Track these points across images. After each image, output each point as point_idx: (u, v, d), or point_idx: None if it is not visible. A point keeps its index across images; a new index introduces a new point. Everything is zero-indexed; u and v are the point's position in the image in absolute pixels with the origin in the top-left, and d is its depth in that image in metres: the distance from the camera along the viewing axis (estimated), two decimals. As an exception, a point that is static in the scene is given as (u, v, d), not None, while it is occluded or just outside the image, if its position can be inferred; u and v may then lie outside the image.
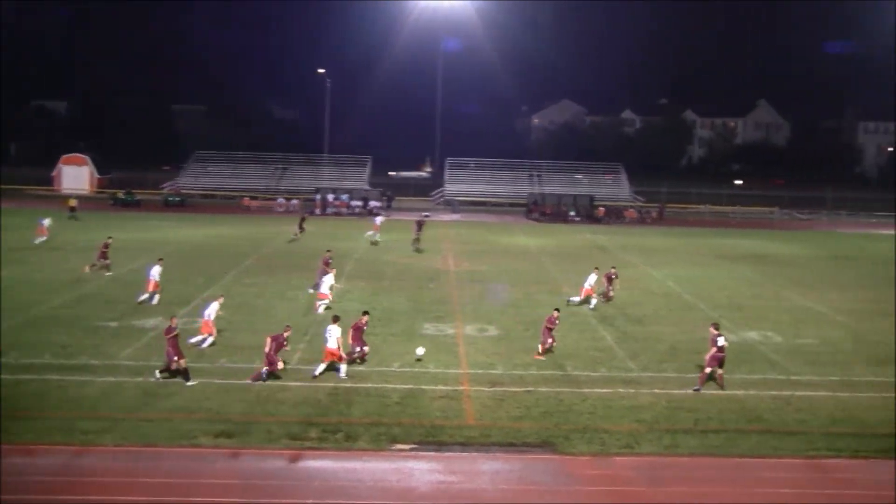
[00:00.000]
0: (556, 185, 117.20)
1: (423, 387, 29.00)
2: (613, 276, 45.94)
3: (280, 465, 22.61)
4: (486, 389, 29.02)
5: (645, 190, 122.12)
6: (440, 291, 46.73)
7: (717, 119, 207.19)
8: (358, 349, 31.16)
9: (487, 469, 22.83)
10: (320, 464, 22.85)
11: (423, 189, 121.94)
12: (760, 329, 39.89)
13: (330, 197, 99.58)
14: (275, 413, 26.11)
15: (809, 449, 24.72)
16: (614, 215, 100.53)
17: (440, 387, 29.08)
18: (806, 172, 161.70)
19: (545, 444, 24.46)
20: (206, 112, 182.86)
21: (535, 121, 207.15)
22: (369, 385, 28.92)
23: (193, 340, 32.86)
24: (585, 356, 33.96)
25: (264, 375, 28.91)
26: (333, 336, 29.60)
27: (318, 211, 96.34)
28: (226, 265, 53.15)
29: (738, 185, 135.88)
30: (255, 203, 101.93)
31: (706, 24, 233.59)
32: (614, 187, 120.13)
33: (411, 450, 23.81)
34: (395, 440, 24.33)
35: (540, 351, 33.61)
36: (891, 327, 41.11)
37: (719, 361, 29.96)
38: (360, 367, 30.90)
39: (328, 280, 41.68)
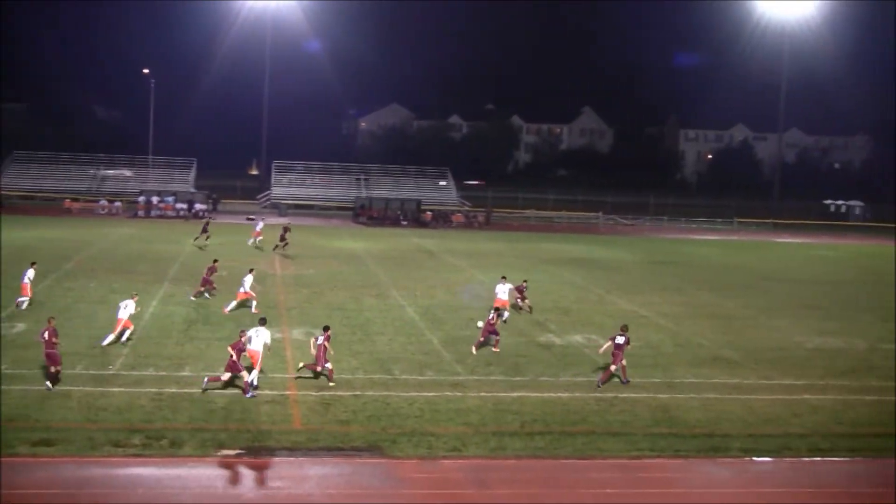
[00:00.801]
0: (383, 189, 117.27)
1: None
2: (524, 288, 45.68)
3: (102, 473, 21.83)
4: (314, 394, 28.67)
5: (472, 194, 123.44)
6: (266, 295, 46.01)
7: (542, 125, 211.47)
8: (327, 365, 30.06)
9: (315, 474, 22.53)
10: (144, 471, 22.14)
11: (250, 192, 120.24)
12: (585, 332, 40.65)
13: (154, 199, 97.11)
14: (96, 420, 25.19)
15: (632, 449, 25.25)
16: (442, 219, 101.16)
17: (267, 391, 28.57)
18: (629, 178, 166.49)
19: (372, 448, 24.30)
20: (26, 110, 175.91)
21: (363, 124, 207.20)
22: (195, 390, 28.20)
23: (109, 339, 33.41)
24: (412, 360, 33.96)
25: (253, 385, 28.21)
26: (261, 338, 29.08)
27: (141, 213, 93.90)
28: (45, 269, 51.11)
29: (564, 190, 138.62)
30: (76, 205, 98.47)
31: (532, 30, 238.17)
32: (441, 191, 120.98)
33: (238, 455, 23.31)
34: (221, 446, 23.77)
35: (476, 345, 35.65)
36: (710, 329, 42.53)
37: (617, 357, 31.63)
38: (185, 373, 30.18)
39: (248, 280, 42.55)
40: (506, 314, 41.05)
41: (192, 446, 23.64)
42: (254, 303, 41.95)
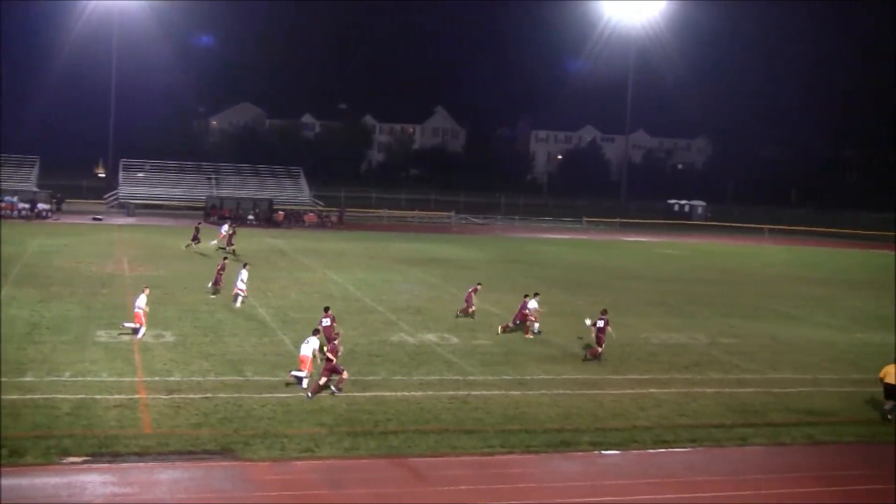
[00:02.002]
0: (235, 189, 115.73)
1: (96, 396, 27.79)
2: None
3: (-64, 486, 21.03)
4: (164, 397, 28.20)
5: (325, 194, 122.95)
6: (114, 297, 45.02)
7: (395, 124, 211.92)
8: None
9: (165, 478, 22.17)
10: (-18, 483, 21.40)
11: (96, 191, 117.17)
12: (438, 331, 40.99)
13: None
14: (-70, 430, 24.26)
15: (485, 446, 25.59)
16: (294, 219, 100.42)
17: (115, 396, 27.97)
18: (481, 178, 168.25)
19: (225, 451, 24.05)
20: None
21: (214, 122, 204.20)
22: (38, 396, 27.41)
23: (129, 326, 36.00)
24: (264, 361, 33.71)
25: (336, 390, 29.34)
26: (311, 346, 30.06)
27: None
28: None
29: (416, 190, 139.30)
30: None
31: (385, 29, 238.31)
32: (294, 191, 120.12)
33: (84, 462, 22.75)
34: (66, 453, 23.15)
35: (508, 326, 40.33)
36: (560, 326, 43.32)
37: (601, 339, 36.09)
38: (28, 378, 29.31)
39: (244, 275, 44.16)
40: (536, 325, 41.23)
41: (34, 454, 22.91)
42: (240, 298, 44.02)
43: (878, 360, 39.78)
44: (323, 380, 29.62)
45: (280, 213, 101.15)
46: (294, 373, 30.35)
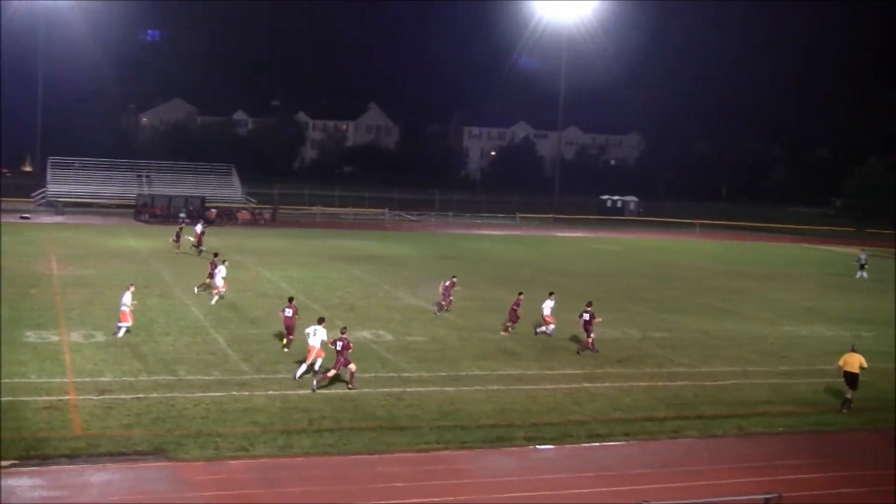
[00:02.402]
0: (166, 187, 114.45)
1: (25, 398, 27.33)
2: (448, 285, 45.98)
3: None
4: (94, 398, 27.82)
5: (257, 191, 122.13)
6: (42, 297, 44.35)
7: (328, 121, 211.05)
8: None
9: (97, 480, 21.89)
10: None
11: (24, 189, 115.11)
12: (372, 328, 40.93)
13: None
14: None
15: (420, 442, 25.62)
16: (227, 217, 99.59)
17: (44, 397, 27.54)
18: (415, 175, 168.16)
19: (157, 451, 23.79)
20: None
21: (145, 119, 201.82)
22: (-38, 399, 26.92)
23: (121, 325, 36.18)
24: (198, 360, 33.42)
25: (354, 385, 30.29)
26: (319, 336, 31.02)
27: None
28: None
29: (350, 187, 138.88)
30: None
31: (318, 26, 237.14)
32: (227, 188, 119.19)
33: (12, 466, 22.35)
34: (-7, 456, 22.77)
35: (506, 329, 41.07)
36: (495, 322, 43.48)
37: (589, 331, 37.79)
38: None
39: (221, 272, 44.82)
40: (551, 328, 41.04)
41: (-40, 459, 22.55)
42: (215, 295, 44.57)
43: (804, 351, 40.67)
44: (332, 372, 30.38)
45: (212, 210, 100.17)
46: (303, 366, 31.33)
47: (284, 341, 35.89)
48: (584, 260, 77.04)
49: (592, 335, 37.72)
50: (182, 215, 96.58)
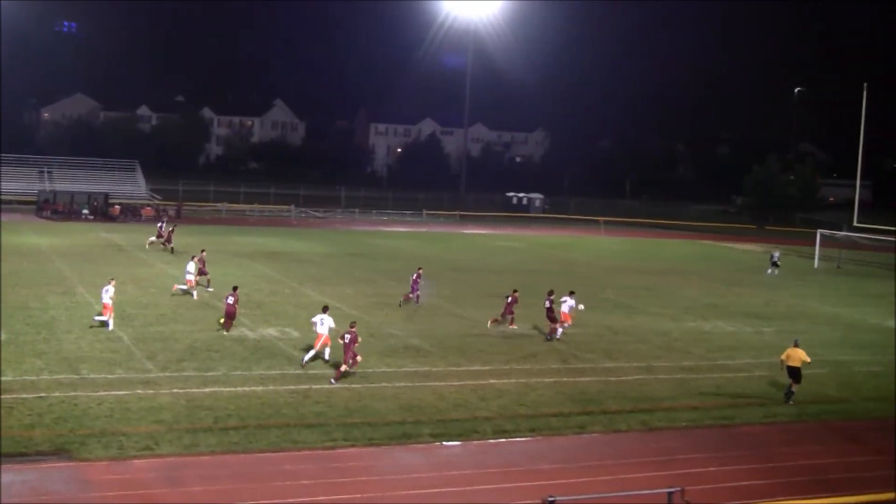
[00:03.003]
0: (69, 182, 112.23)
1: (-79, 399, 26.72)
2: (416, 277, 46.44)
3: None
4: (-6, 398, 27.26)
5: (162, 188, 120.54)
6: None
7: (234, 117, 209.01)
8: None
9: (-4, 482, 21.47)
10: None
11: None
12: (279, 325, 40.77)
13: None
14: None
15: (327, 440, 25.61)
16: (131, 213, 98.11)
17: (-59, 398, 26.92)
18: (321, 171, 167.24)
19: (60, 452, 23.43)
20: None
21: (46, 115, 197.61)
22: None
23: (97, 318, 37.90)
24: (101, 358, 32.92)
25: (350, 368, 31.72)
26: (326, 324, 33.27)
27: None
28: None
29: (256, 183, 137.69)
30: None
31: (224, 21, 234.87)
32: (130, 185, 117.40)
33: None
34: None
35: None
36: (401, 319, 43.66)
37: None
38: None
39: (191, 268, 46.49)
40: (566, 325, 41.61)
41: None
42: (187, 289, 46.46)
43: (707, 346, 41.48)
44: (344, 367, 31.50)
45: (116, 207, 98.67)
46: (311, 353, 33.62)
47: (222, 321, 38.69)
48: (489, 257, 77.51)
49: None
50: (85, 212, 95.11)
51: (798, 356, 32.06)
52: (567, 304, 41.44)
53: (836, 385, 35.41)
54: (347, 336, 31.49)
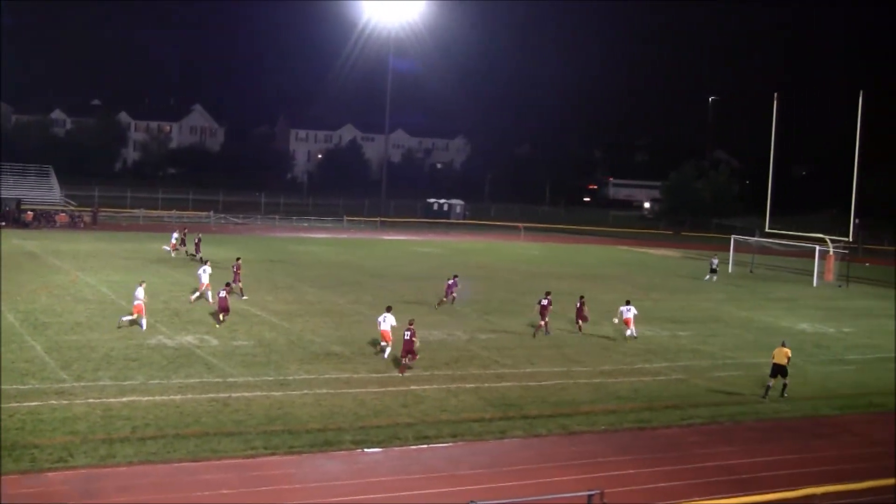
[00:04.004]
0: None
1: None
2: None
3: None
4: None
5: (77, 193, 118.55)
6: None
7: (152, 122, 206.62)
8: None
9: None
10: None
11: None
12: (197, 333, 40.27)
13: None
14: None
15: (247, 448, 25.34)
16: (44, 220, 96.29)
17: None
18: (240, 177, 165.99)
19: (-30, 465, 22.86)
20: None
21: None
22: None
23: (125, 319, 40.16)
24: (13, 368, 32.18)
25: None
26: (388, 322, 37.11)
27: None
28: None
29: (174, 189, 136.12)
30: None
31: (142, 24, 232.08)
32: (44, 190, 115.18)
33: None
34: None
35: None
36: (321, 326, 43.45)
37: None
38: None
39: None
40: (632, 329, 44.65)
41: None
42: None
43: (625, 351, 41.90)
44: (404, 360, 34.86)
45: (29, 213, 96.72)
46: (389, 349, 37.04)
47: (222, 317, 42.09)
48: (409, 262, 77.52)
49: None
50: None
51: (783, 354, 34.32)
52: (631, 311, 44.61)
53: (749, 386, 36.02)
54: (407, 332, 34.80)
